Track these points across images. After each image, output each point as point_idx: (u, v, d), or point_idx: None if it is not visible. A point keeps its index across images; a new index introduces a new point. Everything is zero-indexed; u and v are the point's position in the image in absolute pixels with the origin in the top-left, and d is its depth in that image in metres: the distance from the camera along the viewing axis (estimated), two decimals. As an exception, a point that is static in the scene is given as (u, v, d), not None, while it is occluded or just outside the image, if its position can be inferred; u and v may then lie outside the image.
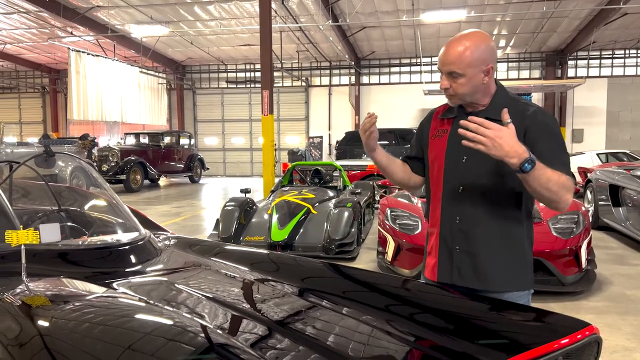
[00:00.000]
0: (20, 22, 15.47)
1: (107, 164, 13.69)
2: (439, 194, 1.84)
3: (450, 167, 1.80)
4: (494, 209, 1.73)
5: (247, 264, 2.15)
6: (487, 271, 1.74)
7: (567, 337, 1.36)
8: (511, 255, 1.75)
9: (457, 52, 1.67)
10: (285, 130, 20.97)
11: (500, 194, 1.72)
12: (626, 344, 3.53)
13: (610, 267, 5.55)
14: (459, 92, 1.71)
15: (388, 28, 15.99)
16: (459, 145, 1.74)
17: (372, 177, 10.36)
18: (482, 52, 1.67)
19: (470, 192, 1.75)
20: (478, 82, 1.69)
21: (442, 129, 1.86)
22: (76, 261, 1.92)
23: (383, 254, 5.11)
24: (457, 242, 1.77)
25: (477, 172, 1.73)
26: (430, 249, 1.89)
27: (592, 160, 12.15)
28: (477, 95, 1.73)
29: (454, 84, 1.70)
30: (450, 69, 1.69)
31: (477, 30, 1.74)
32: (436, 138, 1.87)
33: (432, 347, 1.42)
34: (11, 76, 22.45)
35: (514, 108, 1.70)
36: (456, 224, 1.78)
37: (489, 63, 1.69)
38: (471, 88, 1.70)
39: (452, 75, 1.69)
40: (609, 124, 18.54)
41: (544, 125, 1.69)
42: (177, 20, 15.21)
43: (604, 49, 18.06)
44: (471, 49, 1.66)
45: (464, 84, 1.69)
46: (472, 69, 1.67)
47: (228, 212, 6.35)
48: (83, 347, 1.23)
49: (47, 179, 2.71)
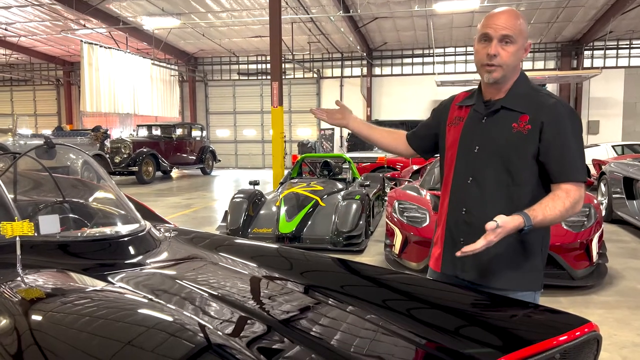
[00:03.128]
0: (33, 14, 15.60)
1: (120, 156, 13.79)
2: (449, 183, 1.80)
3: (462, 156, 1.76)
4: (502, 203, 1.66)
5: (248, 258, 2.12)
6: (490, 268, 1.69)
7: (565, 334, 1.33)
8: (518, 253, 1.68)
9: (513, 18, 1.64)
10: (297, 122, 20.94)
11: (510, 188, 1.66)
12: (636, 339, 3.47)
13: (622, 261, 5.46)
14: (505, 61, 1.64)
15: (400, 18, 15.82)
16: (473, 134, 1.74)
17: (382, 169, 10.32)
18: (526, 27, 1.67)
19: (479, 183, 1.71)
20: (521, 55, 1.68)
21: (459, 116, 1.82)
22: (74, 253, 1.92)
23: (390, 246, 5.08)
24: (462, 234, 1.73)
25: (487, 164, 1.69)
26: (437, 239, 1.86)
27: (607, 153, 11.94)
28: (512, 74, 1.69)
29: (503, 51, 1.63)
30: (505, 32, 1.62)
31: None
32: (452, 126, 1.83)
33: (427, 344, 1.39)
34: (26, 69, 22.70)
35: (532, 99, 1.67)
36: (462, 215, 1.73)
37: (529, 40, 1.70)
38: (515, 60, 1.66)
39: (504, 40, 1.63)
40: (626, 116, 18.19)
41: (562, 124, 1.63)
42: (188, 12, 15.22)
43: (621, 38, 17.68)
44: (522, 20, 1.66)
45: (513, 52, 1.64)
46: (522, 40, 1.65)
47: (236, 204, 6.36)
48: (76, 343, 1.22)
49: (59, 170, 2.72)
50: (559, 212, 1.56)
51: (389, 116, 18.22)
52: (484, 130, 1.71)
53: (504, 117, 1.68)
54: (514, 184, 1.66)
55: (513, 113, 1.66)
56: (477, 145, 1.71)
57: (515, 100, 1.68)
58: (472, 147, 1.72)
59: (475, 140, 1.71)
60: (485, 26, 1.65)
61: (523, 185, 1.65)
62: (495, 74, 1.66)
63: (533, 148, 1.63)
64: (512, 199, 1.66)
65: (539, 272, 1.73)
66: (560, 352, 1.30)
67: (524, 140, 1.63)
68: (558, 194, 1.59)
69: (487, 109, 1.72)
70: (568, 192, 1.59)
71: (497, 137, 1.68)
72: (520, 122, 1.64)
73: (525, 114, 1.64)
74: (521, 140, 1.63)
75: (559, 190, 1.60)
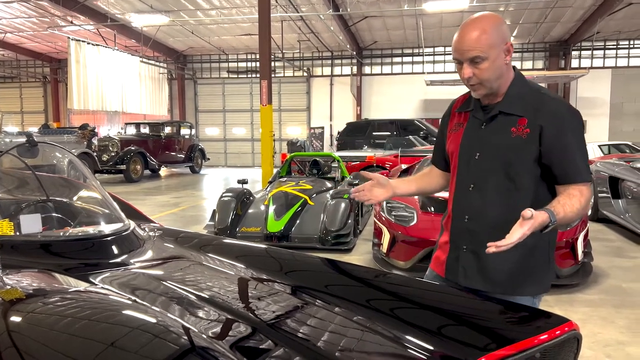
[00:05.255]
0: (20, 10, 15.42)
1: (107, 154, 13.68)
2: (453, 190, 1.79)
3: (463, 163, 1.73)
4: (504, 210, 1.64)
5: (235, 258, 2.10)
6: (493, 274, 1.67)
7: (545, 333, 1.34)
8: (523, 258, 1.64)
9: (476, 35, 1.56)
10: (287, 121, 20.92)
11: (512, 194, 1.64)
12: (619, 337, 3.51)
13: (607, 260, 5.52)
14: (484, 78, 1.59)
15: (390, 18, 15.85)
16: (473, 141, 1.71)
17: (372, 168, 10.33)
18: (499, 30, 1.58)
19: (480, 190, 1.68)
20: (501, 63, 1.60)
21: (458, 122, 1.79)
22: (56, 252, 1.89)
23: (378, 245, 5.09)
24: (464, 241, 1.72)
25: (488, 170, 1.66)
26: (441, 244, 1.84)
27: (594, 152, 12.06)
28: (501, 81, 1.63)
29: (477, 70, 1.58)
30: (471, 54, 1.56)
31: (484, 12, 1.65)
32: (453, 132, 1.80)
33: (410, 344, 1.39)
34: (12, 65, 22.42)
35: (530, 100, 1.63)
36: (464, 222, 1.72)
37: (507, 40, 1.60)
38: (495, 71, 1.59)
39: (474, 61, 1.57)
40: (612, 116, 18.41)
41: (561, 125, 1.59)
42: (177, 9, 15.12)
43: (608, 39, 17.89)
44: (488, 29, 1.56)
45: (488, 67, 1.57)
46: (494, 50, 1.57)
47: (224, 203, 6.33)
48: (57, 345, 1.19)
49: (44, 169, 2.68)
50: (576, 209, 1.53)
51: (379, 115, 18.26)
52: (483, 137, 1.69)
53: (503, 122, 1.65)
54: (516, 188, 1.63)
55: (511, 117, 1.63)
56: (478, 152, 1.69)
57: (512, 103, 1.64)
58: (472, 153, 1.70)
59: (476, 146, 1.69)
60: (454, 50, 1.62)
61: (524, 189, 1.63)
62: (480, 91, 1.65)
63: (534, 152, 1.60)
64: (514, 205, 1.61)
65: (547, 276, 1.71)
66: (540, 351, 1.31)
67: (524, 144, 1.60)
68: (571, 193, 1.56)
69: (486, 115, 1.69)
70: (581, 191, 1.56)
71: (497, 143, 1.65)
72: (519, 126, 1.61)
73: (524, 117, 1.61)
74: (521, 144, 1.60)
75: (571, 189, 1.57)
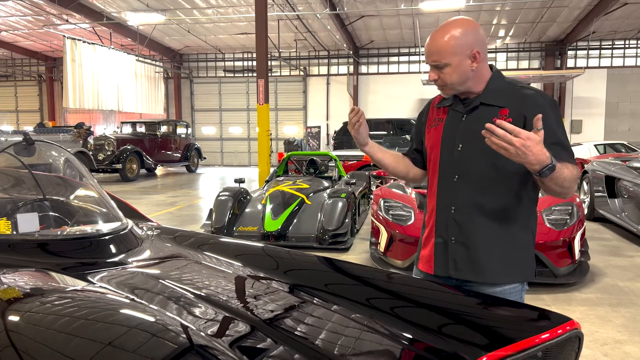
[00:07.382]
0: (15, 9, 15.34)
1: (103, 153, 13.63)
2: (435, 183, 1.80)
3: (446, 156, 1.76)
4: (490, 198, 1.67)
5: (233, 256, 2.09)
6: (483, 263, 1.69)
7: (547, 332, 1.33)
8: (509, 245, 1.69)
9: (440, 41, 1.63)
10: (283, 120, 20.90)
11: (497, 183, 1.67)
12: (617, 336, 3.52)
13: (604, 259, 5.54)
14: (447, 82, 1.67)
15: (387, 17, 15.86)
16: (455, 134, 1.74)
17: (368, 167, 10.33)
18: (465, 38, 1.62)
19: (466, 181, 1.71)
20: (466, 69, 1.64)
21: (438, 117, 1.82)
22: (54, 252, 1.88)
23: (376, 244, 5.09)
24: (452, 233, 1.73)
25: (472, 161, 1.69)
26: (425, 241, 1.85)
27: (590, 152, 12.11)
28: (468, 83, 1.68)
29: (441, 74, 1.67)
30: (434, 59, 1.65)
31: (461, 17, 1.70)
32: (432, 127, 1.83)
33: (410, 343, 1.39)
34: (7, 64, 22.31)
35: (510, 93, 1.67)
36: (451, 214, 1.73)
37: (474, 48, 1.63)
38: (460, 76, 1.65)
39: (437, 66, 1.66)
40: (608, 115, 18.48)
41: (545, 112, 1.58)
42: (173, 8, 15.08)
43: (604, 39, 17.95)
44: (454, 36, 1.62)
45: (451, 72, 1.64)
46: (456, 57, 1.62)
47: (221, 202, 6.32)
48: (55, 344, 1.18)
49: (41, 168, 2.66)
50: (569, 173, 1.52)
51: (376, 114, 18.25)
52: (465, 128, 1.71)
53: (484, 112, 1.67)
54: (501, 176, 1.66)
55: (492, 108, 1.67)
56: (460, 144, 1.71)
57: (493, 95, 1.68)
58: (454, 145, 1.73)
59: (458, 138, 1.72)
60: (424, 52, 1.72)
61: (510, 177, 1.65)
62: (447, 91, 1.73)
63: None
64: (500, 192, 1.67)
65: (531, 261, 1.75)
66: (542, 350, 1.31)
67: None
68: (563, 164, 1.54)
69: (466, 107, 1.72)
70: (568, 166, 1.54)
71: (479, 133, 1.67)
72: (501, 116, 1.63)
73: (505, 108, 1.65)
74: None
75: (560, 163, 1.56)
